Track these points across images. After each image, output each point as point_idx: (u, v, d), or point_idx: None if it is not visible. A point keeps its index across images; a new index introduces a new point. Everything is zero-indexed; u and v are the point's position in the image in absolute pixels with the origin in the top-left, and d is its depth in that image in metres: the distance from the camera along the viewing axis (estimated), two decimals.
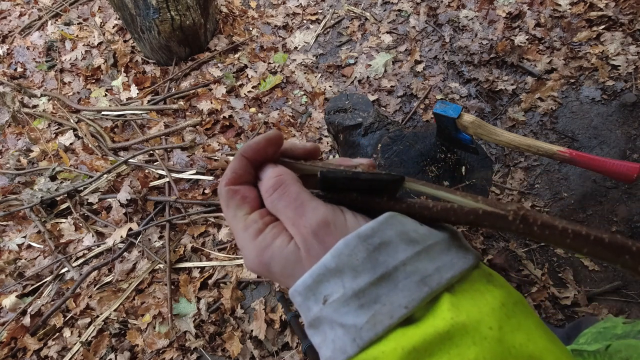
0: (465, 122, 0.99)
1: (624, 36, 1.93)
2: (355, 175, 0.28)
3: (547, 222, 0.22)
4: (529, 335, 0.21)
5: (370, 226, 0.24)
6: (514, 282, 1.46)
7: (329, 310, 0.23)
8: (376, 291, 0.22)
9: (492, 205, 0.24)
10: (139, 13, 1.87)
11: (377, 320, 0.22)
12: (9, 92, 2.02)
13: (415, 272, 0.22)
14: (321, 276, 0.24)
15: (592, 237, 0.21)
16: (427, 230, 0.25)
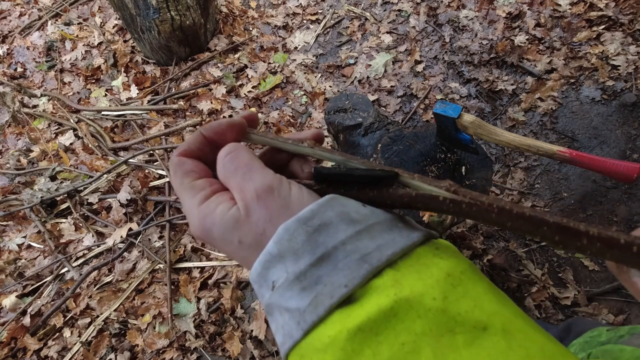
0: (465, 122, 0.99)
1: (624, 36, 1.93)
2: (349, 172, 0.28)
3: (475, 198, 0.24)
4: (475, 301, 0.20)
5: (310, 208, 0.24)
6: (514, 282, 1.47)
7: (276, 296, 0.23)
8: (317, 272, 0.22)
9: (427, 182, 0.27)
10: (139, 13, 1.87)
11: (319, 301, 0.21)
12: (9, 92, 2.02)
13: (355, 251, 0.22)
14: (267, 263, 0.24)
15: (515, 211, 0.23)
16: (370, 211, 0.25)
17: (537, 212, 0.23)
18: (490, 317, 0.20)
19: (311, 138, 0.32)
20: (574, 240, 0.22)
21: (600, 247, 0.21)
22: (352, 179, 0.28)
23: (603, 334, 0.58)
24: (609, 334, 0.56)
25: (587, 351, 0.53)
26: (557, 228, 0.22)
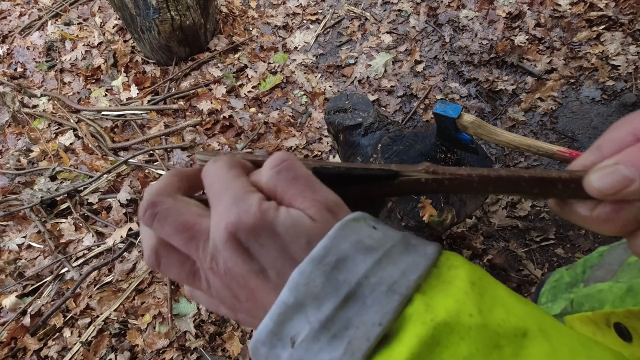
0: (465, 122, 0.99)
1: (624, 36, 1.93)
2: (348, 172, 0.28)
3: (454, 173, 0.26)
4: (505, 306, 0.20)
5: (322, 245, 0.21)
6: (514, 282, 1.47)
7: (300, 352, 0.20)
8: (345, 315, 0.20)
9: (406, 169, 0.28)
10: (139, 13, 1.87)
11: (355, 347, 0.19)
12: (9, 92, 2.01)
13: (380, 282, 0.20)
14: (282, 316, 0.20)
15: (493, 175, 0.25)
16: (382, 233, 0.23)
17: (513, 171, 0.25)
18: (524, 320, 0.19)
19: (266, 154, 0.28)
20: (551, 188, 0.24)
21: (575, 187, 0.23)
22: (352, 179, 0.28)
23: (564, 274, 0.59)
24: (569, 273, 0.58)
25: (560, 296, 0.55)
26: (534, 180, 0.24)
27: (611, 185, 0.20)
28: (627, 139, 0.22)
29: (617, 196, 0.20)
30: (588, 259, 0.56)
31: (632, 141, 0.22)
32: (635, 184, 0.19)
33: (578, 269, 0.56)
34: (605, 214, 0.22)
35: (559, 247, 1.53)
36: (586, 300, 0.40)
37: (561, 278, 0.60)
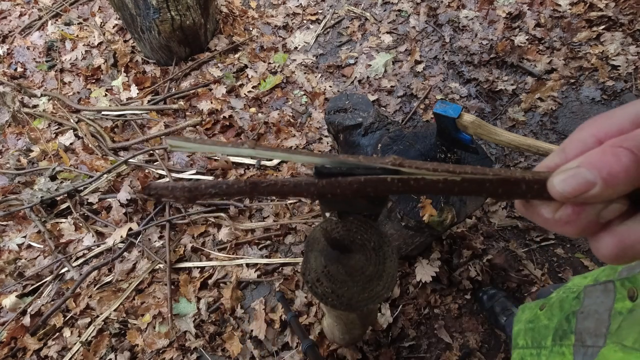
0: (465, 122, 0.99)
1: (624, 36, 1.93)
2: (350, 171, 0.28)
3: (420, 166, 0.26)
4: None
5: None
6: (514, 282, 1.46)
7: None
8: None
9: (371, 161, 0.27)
10: (139, 13, 1.87)
11: None
12: (9, 92, 2.01)
13: None
14: None
15: (458, 171, 0.25)
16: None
17: (478, 169, 0.25)
18: None
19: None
20: (515, 188, 0.24)
21: (538, 189, 0.23)
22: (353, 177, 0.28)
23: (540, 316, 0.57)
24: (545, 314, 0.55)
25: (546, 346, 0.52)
26: (498, 181, 0.24)
27: (573, 188, 0.20)
28: (590, 141, 0.22)
29: (579, 199, 0.20)
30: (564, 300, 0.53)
31: (594, 143, 0.22)
32: (596, 187, 0.19)
33: (555, 311, 0.53)
34: (566, 216, 0.22)
35: (559, 247, 1.53)
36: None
37: (537, 319, 0.57)
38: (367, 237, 0.54)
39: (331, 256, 0.54)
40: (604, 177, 0.19)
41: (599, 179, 0.19)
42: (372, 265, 0.53)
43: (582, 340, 0.47)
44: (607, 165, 0.19)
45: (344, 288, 0.52)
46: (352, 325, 0.92)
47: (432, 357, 1.38)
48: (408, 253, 1.43)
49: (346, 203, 0.34)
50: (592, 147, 0.22)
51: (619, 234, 0.21)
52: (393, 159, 0.27)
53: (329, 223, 0.54)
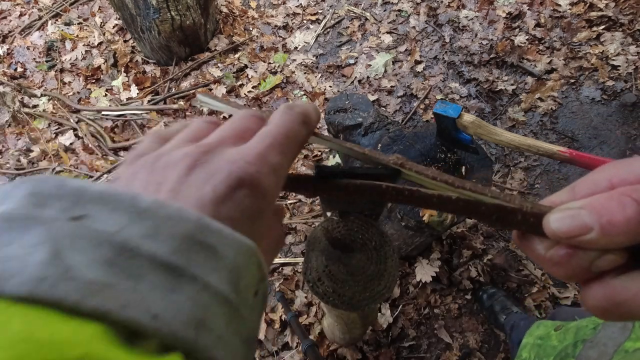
0: (465, 122, 0.99)
1: (624, 36, 1.93)
2: (352, 170, 0.28)
3: (420, 171, 0.26)
4: None
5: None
6: (514, 282, 1.46)
7: None
8: None
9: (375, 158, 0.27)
10: (139, 13, 1.87)
11: None
12: (9, 92, 2.02)
13: None
14: None
15: (457, 184, 0.24)
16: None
17: (477, 188, 0.24)
18: None
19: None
20: (510, 217, 0.23)
21: (534, 222, 0.22)
22: (354, 177, 0.28)
23: (552, 335, 0.56)
24: (558, 336, 0.54)
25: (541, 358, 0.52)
26: (494, 207, 0.23)
27: (568, 229, 0.19)
28: (603, 184, 0.20)
29: (572, 241, 0.19)
30: (581, 328, 0.52)
31: (606, 187, 0.20)
32: (592, 232, 0.18)
33: (569, 335, 0.53)
34: (557, 257, 0.21)
35: None
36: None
37: (548, 338, 0.56)
38: (369, 236, 0.54)
39: (332, 255, 0.54)
40: (602, 224, 0.18)
41: (597, 225, 0.18)
42: (374, 264, 0.53)
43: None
44: (609, 212, 0.18)
45: (345, 287, 0.53)
46: (353, 325, 0.92)
47: (432, 357, 1.38)
48: (408, 253, 1.43)
49: (347, 202, 0.34)
50: (602, 190, 0.20)
51: (610, 287, 0.19)
52: (396, 157, 0.27)
53: (330, 222, 0.54)
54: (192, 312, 0.15)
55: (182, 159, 0.20)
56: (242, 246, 0.18)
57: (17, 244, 0.14)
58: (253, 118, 0.25)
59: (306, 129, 0.25)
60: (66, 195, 0.16)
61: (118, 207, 0.16)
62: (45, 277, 0.13)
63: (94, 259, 0.14)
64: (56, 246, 0.14)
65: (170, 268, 0.15)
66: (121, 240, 0.15)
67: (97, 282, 0.14)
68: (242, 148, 0.21)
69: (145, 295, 0.14)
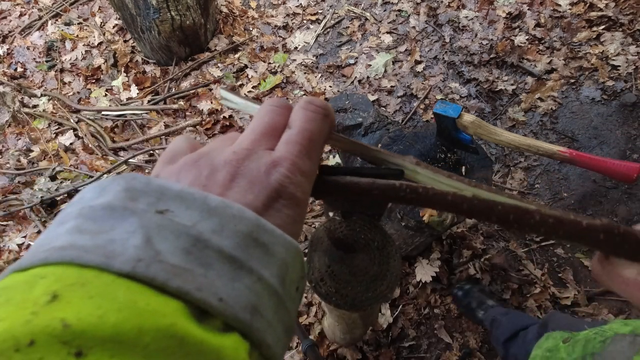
0: (465, 122, 0.99)
1: (624, 36, 1.93)
2: (356, 170, 0.28)
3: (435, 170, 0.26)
4: None
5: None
6: (514, 283, 1.46)
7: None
8: None
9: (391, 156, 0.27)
10: (139, 13, 1.87)
11: None
12: (9, 92, 2.01)
13: None
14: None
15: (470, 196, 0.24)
16: None
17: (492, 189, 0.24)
18: None
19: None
20: (527, 217, 0.22)
21: (553, 224, 0.22)
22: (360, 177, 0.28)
23: (560, 347, 0.56)
24: (566, 349, 0.55)
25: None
26: (512, 209, 0.23)
27: None
28: None
29: None
30: (590, 341, 0.52)
31: None
32: None
33: (577, 348, 0.53)
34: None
35: (559, 247, 1.53)
36: None
37: (556, 350, 0.56)
38: (371, 236, 0.54)
39: (335, 256, 0.54)
40: None
41: None
42: (376, 265, 0.53)
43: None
44: None
45: (348, 288, 0.52)
46: (354, 325, 0.92)
47: (432, 357, 1.38)
48: (408, 253, 1.43)
49: (350, 202, 0.34)
50: None
51: None
52: (411, 158, 0.26)
53: (332, 223, 0.54)
54: (249, 299, 0.17)
55: (223, 166, 0.22)
56: (290, 246, 0.20)
57: (118, 229, 0.17)
58: (278, 110, 0.26)
59: (328, 124, 0.26)
60: (152, 192, 0.19)
61: (193, 205, 0.18)
62: (141, 258, 0.16)
63: (177, 247, 0.17)
64: (148, 234, 0.17)
65: (233, 260, 0.18)
66: (196, 233, 0.17)
67: (178, 267, 0.16)
68: (276, 156, 0.23)
69: (214, 281, 0.17)
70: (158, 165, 0.25)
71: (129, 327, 0.14)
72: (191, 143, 0.26)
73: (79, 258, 0.16)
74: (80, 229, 0.17)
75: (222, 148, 0.24)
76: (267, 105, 0.26)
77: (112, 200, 0.18)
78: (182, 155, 0.24)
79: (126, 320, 0.14)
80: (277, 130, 0.25)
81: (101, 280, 0.15)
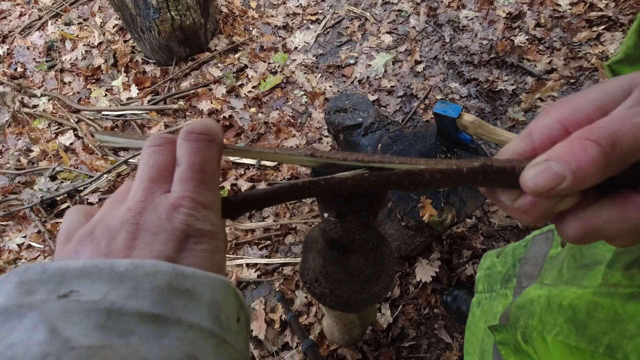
0: (465, 122, 0.99)
1: (624, 36, 1.93)
2: (348, 169, 0.28)
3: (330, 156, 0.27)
4: None
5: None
6: None
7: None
8: None
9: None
10: (139, 13, 1.87)
11: None
12: (9, 92, 2.01)
13: None
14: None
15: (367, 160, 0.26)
16: None
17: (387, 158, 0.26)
18: None
19: None
20: (419, 178, 0.25)
21: (440, 178, 0.24)
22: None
23: (495, 263, 0.61)
24: (500, 262, 0.59)
25: (497, 290, 0.56)
26: (404, 174, 0.25)
27: (545, 182, 0.20)
28: (556, 127, 0.22)
29: (551, 193, 0.20)
30: (516, 248, 0.57)
31: (559, 130, 0.21)
32: (567, 180, 0.19)
33: (508, 258, 0.57)
34: (524, 206, 0.22)
35: None
36: (521, 313, 0.40)
37: (493, 266, 0.61)
38: (366, 237, 0.54)
39: (329, 256, 0.54)
40: (572, 171, 0.19)
41: (568, 172, 0.19)
42: (371, 265, 0.53)
43: (520, 283, 0.51)
44: (575, 158, 0.19)
45: (342, 288, 0.52)
46: (352, 325, 0.92)
47: (432, 357, 1.38)
48: (408, 253, 1.43)
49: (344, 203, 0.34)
50: (557, 133, 0.21)
51: (584, 218, 0.21)
52: (305, 149, 0.28)
53: (327, 223, 0.54)
54: (183, 351, 0.17)
55: (121, 227, 0.21)
56: (215, 283, 0.20)
57: (17, 330, 0.16)
58: (160, 149, 0.25)
59: (216, 148, 0.25)
60: (50, 278, 0.17)
61: (99, 277, 0.18)
62: (48, 353, 0.15)
63: (88, 327, 0.16)
64: (52, 324, 0.16)
65: (156, 318, 0.17)
66: (107, 305, 0.17)
67: (94, 347, 0.15)
68: (173, 198, 0.22)
69: (138, 347, 0.16)
70: (57, 249, 0.24)
71: None
72: (84, 213, 0.25)
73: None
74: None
75: (115, 209, 0.23)
76: (148, 147, 0.25)
77: (5, 301, 0.17)
78: (76, 230, 0.23)
79: None
80: (167, 170, 0.24)
81: None
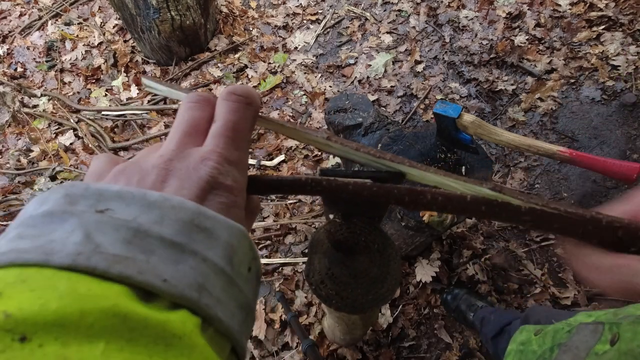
0: (465, 122, 0.99)
1: (624, 36, 1.93)
2: (355, 174, 0.28)
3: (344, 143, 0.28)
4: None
5: None
6: (514, 283, 1.46)
7: None
8: None
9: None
10: (139, 13, 1.87)
11: None
12: (9, 92, 2.01)
13: None
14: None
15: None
16: None
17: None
18: None
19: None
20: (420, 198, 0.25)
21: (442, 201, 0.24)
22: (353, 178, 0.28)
23: (532, 340, 0.58)
24: (537, 341, 0.57)
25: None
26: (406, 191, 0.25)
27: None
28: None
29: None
30: (558, 332, 0.55)
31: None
32: None
33: (547, 340, 0.55)
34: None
35: (559, 247, 1.53)
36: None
37: (529, 343, 0.58)
38: (372, 238, 0.53)
39: (335, 258, 0.53)
40: None
41: None
42: (377, 267, 0.53)
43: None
44: None
45: (348, 290, 0.52)
46: (354, 326, 0.92)
47: (432, 357, 1.38)
48: (408, 253, 1.43)
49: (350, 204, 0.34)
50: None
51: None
52: (324, 131, 0.28)
53: (333, 225, 0.53)
54: (194, 278, 0.18)
55: (152, 170, 0.23)
56: (233, 229, 0.21)
57: (58, 231, 0.18)
58: (198, 105, 0.27)
59: (252, 111, 0.27)
60: (91, 195, 0.20)
61: (132, 202, 0.19)
62: (81, 252, 0.17)
63: (116, 239, 0.18)
64: (87, 231, 0.18)
65: (175, 245, 0.19)
66: (136, 225, 0.18)
67: (119, 256, 0.17)
68: (203, 151, 0.24)
69: (156, 265, 0.18)
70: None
71: (71, 311, 0.15)
72: (113, 158, 0.26)
73: (18, 259, 0.16)
74: (21, 235, 0.18)
75: (149, 155, 0.25)
76: (187, 102, 0.27)
77: (52, 207, 0.19)
78: (107, 172, 0.24)
79: (67, 305, 0.15)
80: (200, 125, 0.26)
81: (42, 275, 0.16)
